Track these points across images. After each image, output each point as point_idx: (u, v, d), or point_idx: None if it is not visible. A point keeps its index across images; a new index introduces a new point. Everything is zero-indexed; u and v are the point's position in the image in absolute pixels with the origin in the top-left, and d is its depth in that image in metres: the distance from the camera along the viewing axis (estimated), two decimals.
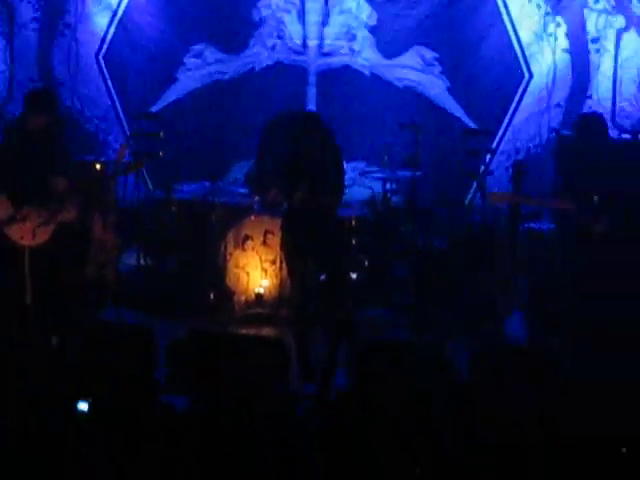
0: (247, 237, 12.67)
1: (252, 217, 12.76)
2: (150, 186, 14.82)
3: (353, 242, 12.82)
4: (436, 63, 15.89)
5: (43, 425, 6.70)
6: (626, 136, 14.34)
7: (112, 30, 15.99)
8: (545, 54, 15.69)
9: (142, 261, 13.18)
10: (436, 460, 6.44)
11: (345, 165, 11.08)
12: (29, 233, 10.62)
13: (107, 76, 16.04)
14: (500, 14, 15.75)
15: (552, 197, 10.96)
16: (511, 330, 11.88)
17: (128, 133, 15.39)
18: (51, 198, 10.57)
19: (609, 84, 15.57)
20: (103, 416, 6.88)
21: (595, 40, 15.67)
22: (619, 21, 15.62)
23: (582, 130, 10.87)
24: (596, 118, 11.33)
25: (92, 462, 6.35)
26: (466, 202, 15.00)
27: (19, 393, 7.11)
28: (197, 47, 16.08)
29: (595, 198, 10.37)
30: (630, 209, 10.34)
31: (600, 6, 15.59)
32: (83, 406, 6.90)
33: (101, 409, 6.95)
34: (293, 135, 11.02)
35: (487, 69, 15.78)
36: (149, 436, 6.59)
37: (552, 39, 15.65)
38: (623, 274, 10.34)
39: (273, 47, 16.01)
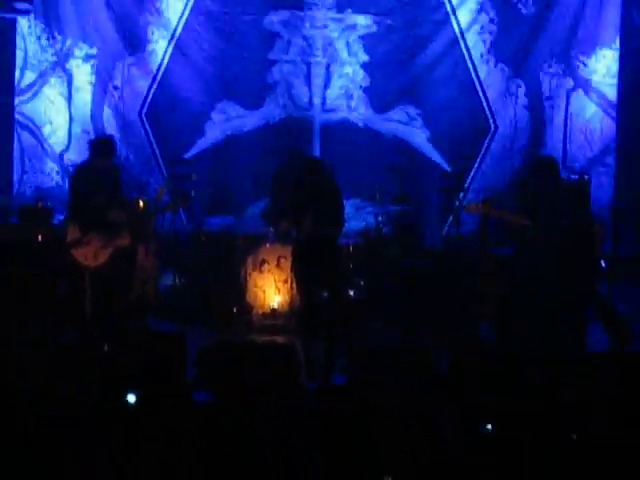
0: (263, 261, 12.72)
1: (267, 245, 12.82)
2: (184, 220, 14.86)
3: (351, 265, 12.86)
4: (418, 117, 16.04)
5: (95, 414, 6.78)
6: (574, 176, 14.45)
7: (152, 92, 16.10)
8: (508, 110, 15.89)
9: (177, 281, 13.22)
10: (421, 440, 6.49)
11: (344, 202, 11.09)
12: (92, 255, 10.80)
13: (148, 129, 16.14)
14: (471, 77, 15.92)
15: (513, 213, 11.07)
16: (483, 336, 11.95)
17: (166, 176, 15.51)
18: (110, 227, 10.75)
19: (560, 134, 15.74)
20: (145, 408, 6.98)
21: (549, 98, 15.88)
22: (569, 83, 15.82)
23: (536, 170, 11.00)
24: (548, 160, 11.45)
25: (139, 444, 6.44)
26: (444, 232, 15.07)
27: (75, 388, 7.23)
28: (221, 105, 16.17)
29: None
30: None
31: (553, 70, 15.82)
32: (131, 398, 7.04)
33: (144, 402, 7.09)
34: (300, 177, 11.00)
35: (460, 122, 15.95)
36: (183, 425, 6.68)
37: (514, 97, 15.81)
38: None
39: (284, 105, 16.17)
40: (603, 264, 12.23)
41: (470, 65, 15.95)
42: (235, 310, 12.70)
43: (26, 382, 7.00)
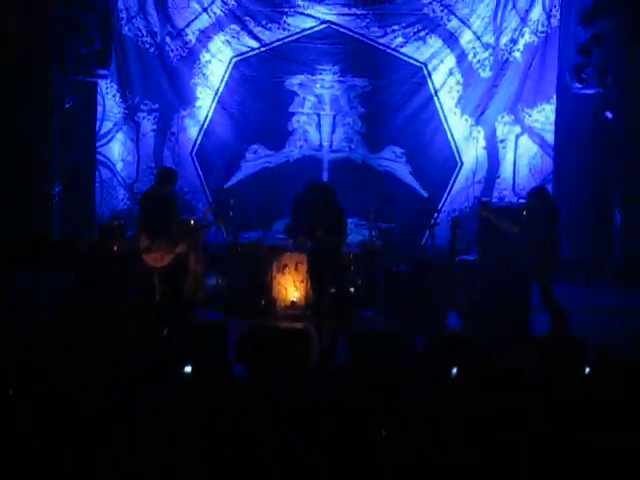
0: (285, 266, 12.72)
1: (288, 253, 12.82)
2: (224, 234, 14.85)
3: (352, 269, 12.85)
4: (403, 156, 16.01)
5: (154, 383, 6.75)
6: (522, 200, 14.43)
7: (200, 137, 16.16)
8: (470, 150, 15.88)
9: (219, 282, 13.18)
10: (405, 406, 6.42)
11: (347, 220, 11.12)
12: (158, 259, 10.82)
13: (197, 165, 16.15)
14: (443, 125, 15.93)
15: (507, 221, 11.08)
16: (451, 324, 11.95)
17: (210, 201, 15.50)
18: (171, 237, 10.76)
19: (511, 168, 15.77)
20: (197, 378, 6.97)
21: (502, 141, 15.88)
22: (517, 129, 15.82)
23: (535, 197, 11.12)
24: (542, 190, 11.60)
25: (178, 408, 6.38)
26: (422, 243, 15.03)
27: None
28: (253, 146, 16.17)
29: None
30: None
31: (505, 119, 15.83)
32: (187, 369, 7.01)
33: (196, 374, 7.06)
34: (314, 200, 10.99)
35: (434, 159, 15.96)
36: (226, 392, 6.63)
37: (475, 140, 15.81)
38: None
39: (301, 147, 16.17)
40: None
41: (442, 116, 15.92)
42: (263, 303, 12.69)
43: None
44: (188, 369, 7.00)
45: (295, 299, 12.65)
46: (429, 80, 15.97)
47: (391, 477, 5.29)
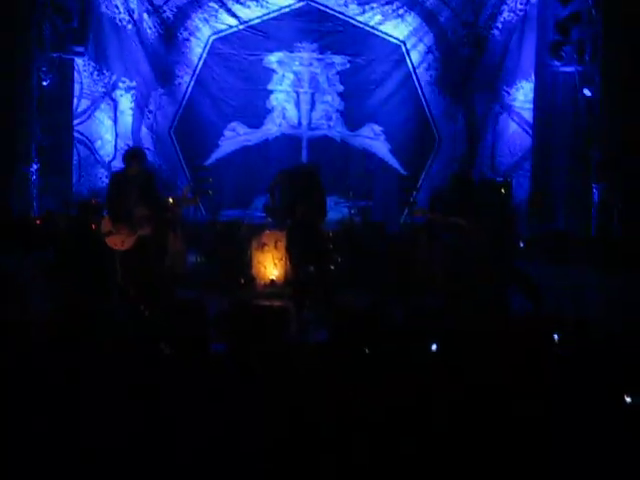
0: (264, 244, 12.72)
1: (267, 231, 12.82)
2: (204, 212, 14.83)
3: (331, 246, 12.77)
4: (381, 134, 16.07)
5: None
6: (500, 178, 14.50)
7: (179, 115, 16.13)
8: (449, 128, 15.97)
9: (199, 259, 13.18)
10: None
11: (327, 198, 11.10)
12: (120, 242, 10.75)
13: (176, 144, 16.14)
14: (422, 103, 15.98)
15: (453, 216, 11.09)
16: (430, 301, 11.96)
17: (189, 179, 15.49)
18: (131, 221, 10.70)
19: (490, 146, 15.78)
20: (177, 356, 6.97)
21: (481, 119, 15.88)
22: (496, 107, 15.82)
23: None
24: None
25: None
26: (401, 221, 15.08)
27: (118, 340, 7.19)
28: (232, 124, 16.21)
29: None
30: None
31: (483, 97, 15.82)
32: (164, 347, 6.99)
33: (175, 351, 7.04)
34: (295, 179, 11.01)
35: (413, 137, 16.04)
36: (203, 368, 6.64)
37: (454, 119, 15.87)
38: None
39: (279, 125, 16.20)
40: (521, 244, 12.26)
41: (420, 93, 15.98)
42: (242, 281, 12.70)
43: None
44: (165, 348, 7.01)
45: (274, 277, 12.67)
46: (408, 58, 16.00)
47: (371, 451, 5.33)
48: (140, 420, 5.62)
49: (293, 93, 16.16)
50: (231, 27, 16.04)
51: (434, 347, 6.94)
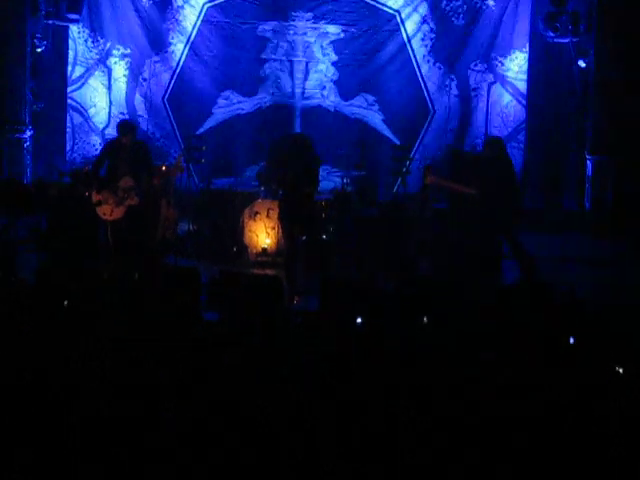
0: (256, 212, 12.54)
1: (260, 200, 12.66)
2: (197, 180, 14.79)
3: (323, 215, 12.73)
4: (375, 104, 15.98)
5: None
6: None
7: (172, 83, 16.00)
8: (443, 98, 15.84)
9: (191, 227, 13.10)
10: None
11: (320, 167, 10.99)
12: (109, 212, 10.72)
13: (169, 111, 16.03)
14: (416, 73, 15.87)
15: (461, 184, 11.04)
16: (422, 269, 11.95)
17: (182, 147, 15.40)
18: (121, 191, 10.67)
19: (483, 117, 15.65)
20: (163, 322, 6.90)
21: (474, 89, 15.84)
22: (490, 78, 15.77)
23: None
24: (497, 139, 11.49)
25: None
26: (393, 190, 15.01)
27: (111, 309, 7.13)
28: (226, 93, 16.08)
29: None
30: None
31: (478, 68, 15.78)
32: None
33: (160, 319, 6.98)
34: (289, 148, 10.94)
35: (407, 107, 15.93)
36: (196, 337, 6.58)
37: (448, 88, 15.76)
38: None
39: (273, 93, 16.05)
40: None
41: (415, 64, 15.84)
42: (235, 249, 12.59)
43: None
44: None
45: (266, 246, 12.52)
46: (402, 28, 15.85)
47: (364, 420, 5.29)
48: (126, 387, 5.55)
49: (287, 62, 16.02)
50: None
51: (425, 319, 6.86)
